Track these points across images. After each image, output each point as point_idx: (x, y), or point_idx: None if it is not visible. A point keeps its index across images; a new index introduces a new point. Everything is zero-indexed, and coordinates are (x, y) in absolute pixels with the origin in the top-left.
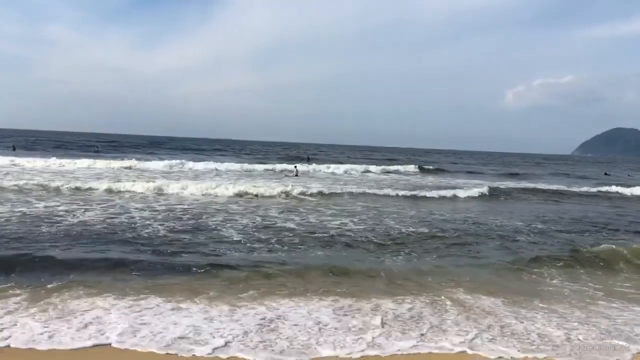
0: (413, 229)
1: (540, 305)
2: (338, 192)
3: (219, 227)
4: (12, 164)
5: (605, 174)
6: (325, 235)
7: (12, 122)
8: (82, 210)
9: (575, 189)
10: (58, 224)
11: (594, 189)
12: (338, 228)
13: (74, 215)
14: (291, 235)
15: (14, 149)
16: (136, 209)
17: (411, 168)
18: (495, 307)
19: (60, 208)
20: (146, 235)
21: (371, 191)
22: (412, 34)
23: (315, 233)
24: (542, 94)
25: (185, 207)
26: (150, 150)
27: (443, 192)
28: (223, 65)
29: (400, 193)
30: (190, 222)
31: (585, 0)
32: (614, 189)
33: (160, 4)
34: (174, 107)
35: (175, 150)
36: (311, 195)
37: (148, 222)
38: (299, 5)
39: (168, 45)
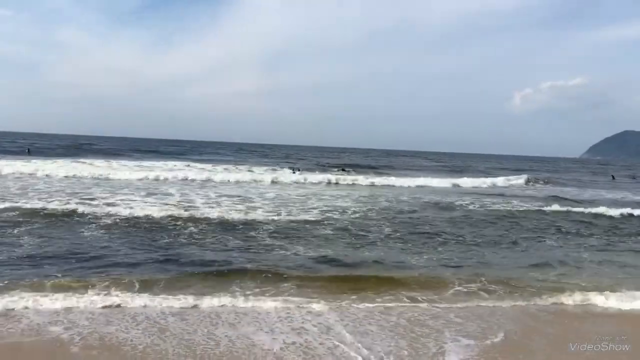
0: None
1: None
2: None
3: None
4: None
5: (613, 177)
6: None
7: (23, 125)
8: None
9: None
10: None
11: None
12: None
13: None
14: None
15: (29, 152)
16: None
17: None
18: None
19: None
20: None
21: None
22: (420, 37)
23: None
24: (550, 96)
25: None
26: (192, 155)
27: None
28: (233, 67)
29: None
30: None
31: (594, 2)
32: None
33: (169, 6)
34: (184, 110)
35: (196, 154)
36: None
37: None
38: (307, 7)
39: (178, 47)
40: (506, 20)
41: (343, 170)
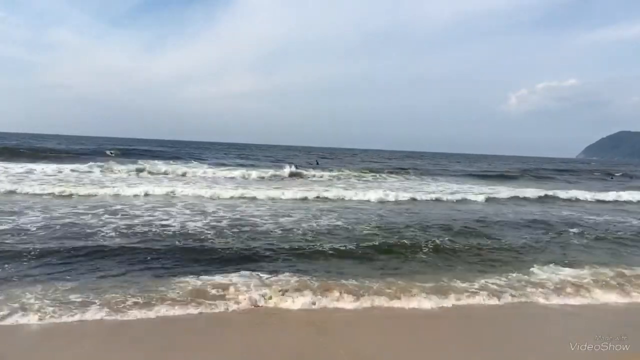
0: None
1: None
2: None
3: None
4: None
5: (612, 177)
6: None
7: (18, 126)
8: None
9: None
10: None
11: None
12: None
13: None
14: None
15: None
16: None
17: None
18: None
19: None
20: None
21: None
22: (415, 38)
23: None
24: (545, 97)
25: None
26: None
27: None
28: (228, 68)
29: None
30: None
31: (589, 3)
32: None
33: (165, 8)
34: (179, 111)
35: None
36: None
37: None
38: (303, 9)
39: (173, 49)
40: (500, 22)
41: None
